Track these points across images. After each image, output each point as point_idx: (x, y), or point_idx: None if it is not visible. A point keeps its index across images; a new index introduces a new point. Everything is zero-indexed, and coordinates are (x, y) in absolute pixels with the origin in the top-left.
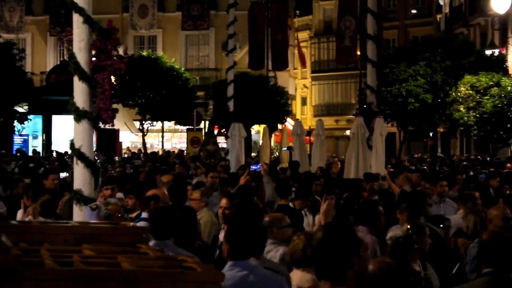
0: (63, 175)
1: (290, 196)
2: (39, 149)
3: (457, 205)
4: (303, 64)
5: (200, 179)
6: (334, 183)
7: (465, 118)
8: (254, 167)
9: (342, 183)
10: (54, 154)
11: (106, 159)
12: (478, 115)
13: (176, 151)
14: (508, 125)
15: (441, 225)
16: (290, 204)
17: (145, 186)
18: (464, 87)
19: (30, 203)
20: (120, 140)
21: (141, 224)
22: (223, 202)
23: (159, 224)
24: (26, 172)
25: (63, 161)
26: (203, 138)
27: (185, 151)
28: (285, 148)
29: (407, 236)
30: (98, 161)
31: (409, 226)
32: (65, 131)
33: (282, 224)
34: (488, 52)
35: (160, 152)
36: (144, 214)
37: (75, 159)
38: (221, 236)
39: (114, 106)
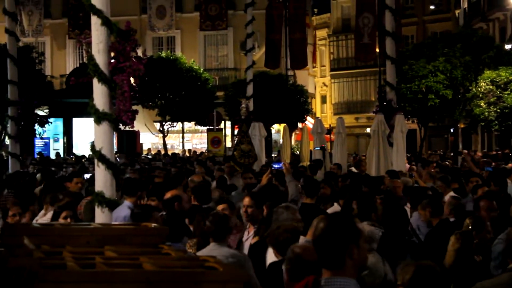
0: (88, 176)
1: (317, 195)
2: (60, 152)
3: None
4: (313, 61)
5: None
6: (365, 181)
7: (486, 113)
8: (276, 166)
9: (371, 181)
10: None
11: (129, 161)
12: (498, 110)
13: (195, 151)
14: None
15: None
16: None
17: (166, 188)
18: (484, 82)
19: (48, 207)
20: (141, 142)
21: None
22: (246, 200)
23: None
24: (48, 176)
25: (82, 164)
26: (237, 137)
27: (205, 152)
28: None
29: (466, 231)
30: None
31: (469, 221)
32: (86, 134)
33: None
34: (507, 46)
35: (180, 153)
36: None
37: (96, 161)
38: (245, 236)
39: (134, 107)
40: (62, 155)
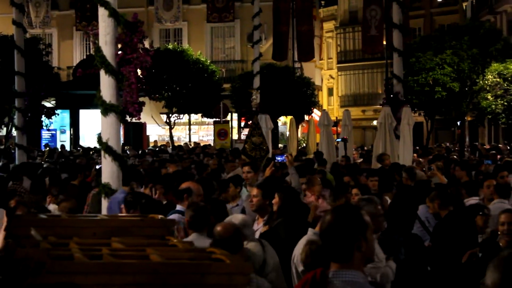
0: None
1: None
2: (67, 143)
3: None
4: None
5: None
6: (389, 174)
7: (493, 106)
8: (279, 159)
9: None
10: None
11: (139, 153)
12: (506, 103)
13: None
14: None
15: (480, 213)
16: None
17: (175, 179)
18: (491, 75)
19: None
20: (147, 134)
21: (174, 216)
22: (253, 191)
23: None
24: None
25: (89, 157)
26: (248, 130)
27: (212, 144)
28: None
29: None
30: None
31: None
32: (93, 125)
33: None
34: None
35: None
36: (179, 207)
37: (102, 152)
38: (254, 227)
39: (141, 99)
40: (68, 147)
